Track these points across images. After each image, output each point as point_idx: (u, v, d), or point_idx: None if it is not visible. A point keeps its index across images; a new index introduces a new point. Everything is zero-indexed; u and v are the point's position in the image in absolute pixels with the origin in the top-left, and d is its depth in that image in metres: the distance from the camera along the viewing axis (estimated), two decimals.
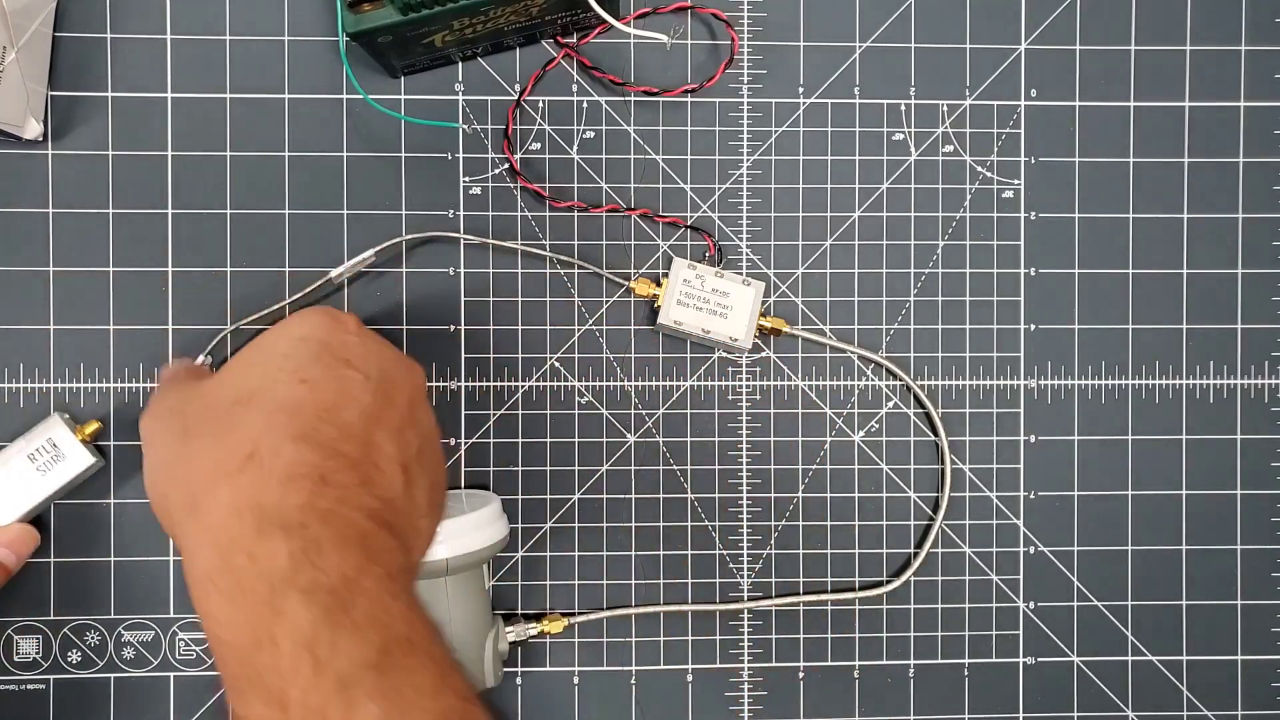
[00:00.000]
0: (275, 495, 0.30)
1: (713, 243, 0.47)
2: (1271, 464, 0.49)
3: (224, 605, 0.29)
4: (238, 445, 0.31)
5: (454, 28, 0.42)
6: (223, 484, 0.30)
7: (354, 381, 0.34)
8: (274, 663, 0.27)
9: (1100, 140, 0.48)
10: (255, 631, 0.28)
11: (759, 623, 0.48)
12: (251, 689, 0.28)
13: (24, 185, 0.46)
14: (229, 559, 0.29)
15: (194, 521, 0.31)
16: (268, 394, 0.33)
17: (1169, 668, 0.48)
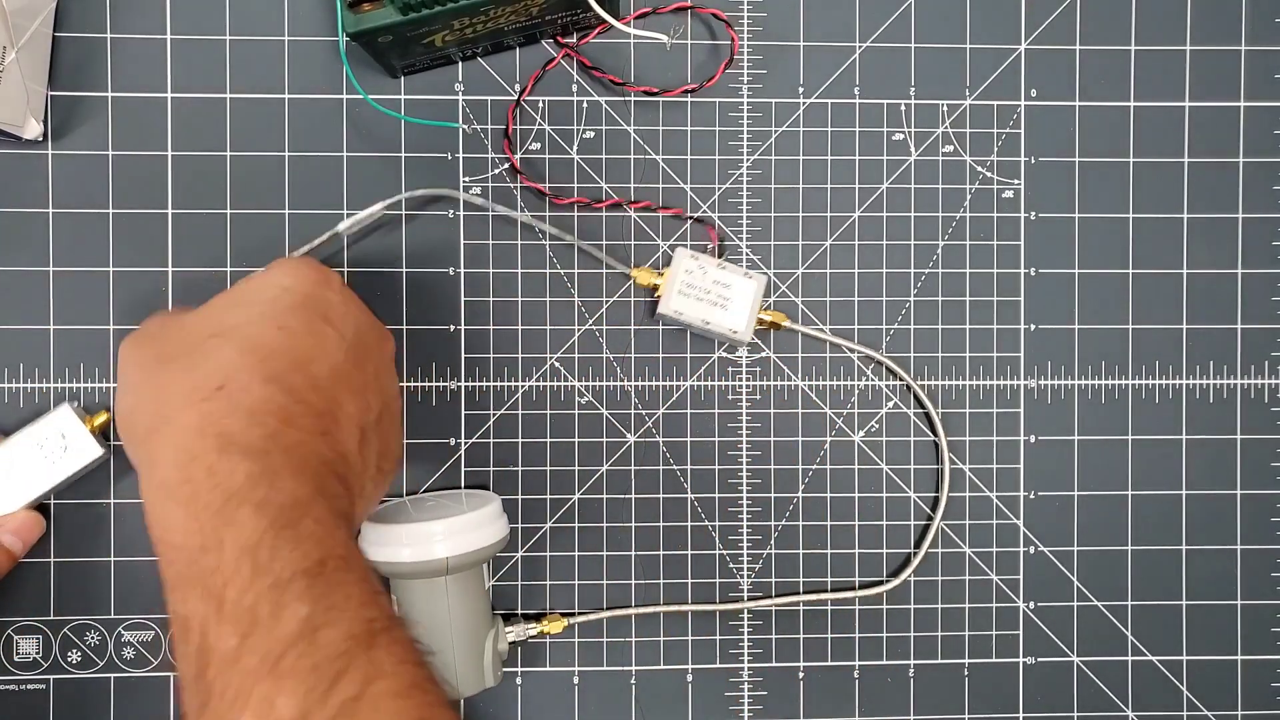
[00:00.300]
0: (240, 425, 0.32)
1: (715, 234, 0.47)
2: (1271, 464, 0.49)
3: (177, 511, 0.30)
4: (209, 375, 0.33)
5: (454, 28, 0.42)
6: (191, 408, 0.32)
7: (329, 338, 0.36)
8: (217, 564, 0.29)
9: (1100, 140, 0.48)
10: (204, 536, 0.30)
11: (759, 623, 0.48)
12: (191, 587, 0.29)
13: (24, 185, 0.46)
14: (188, 471, 0.31)
15: (157, 437, 0.32)
16: (245, 333, 0.34)
17: (1169, 668, 0.48)
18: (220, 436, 0.31)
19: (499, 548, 0.44)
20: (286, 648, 0.28)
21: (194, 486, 0.31)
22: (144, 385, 0.34)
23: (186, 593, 0.29)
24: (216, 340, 0.34)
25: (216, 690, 0.28)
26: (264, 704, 0.27)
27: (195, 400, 0.32)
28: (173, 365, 0.34)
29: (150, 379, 0.34)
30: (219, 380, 0.33)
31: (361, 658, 0.28)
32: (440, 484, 0.47)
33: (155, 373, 0.34)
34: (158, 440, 0.32)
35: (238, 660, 0.28)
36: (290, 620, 0.28)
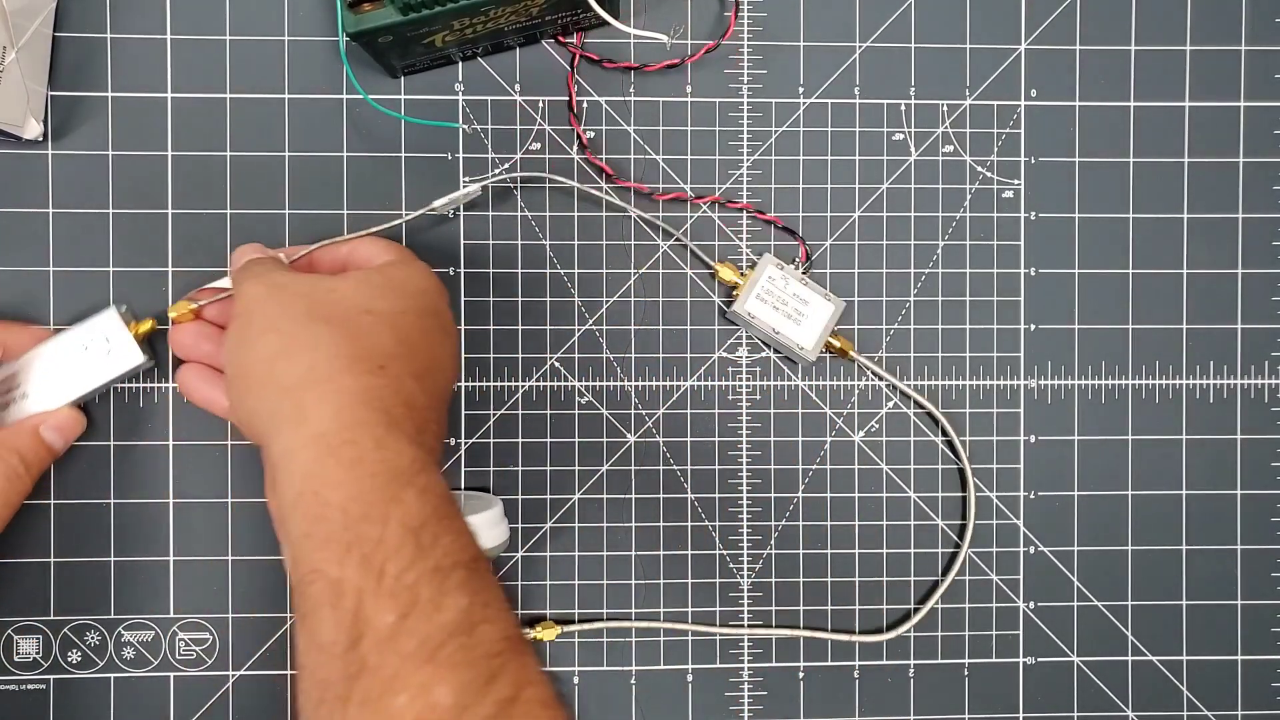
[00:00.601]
0: (401, 411, 0.33)
1: (805, 248, 0.47)
2: (1271, 464, 0.49)
3: (338, 470, 0.31)
4: (370, 352, 0.34)
5: (454, 28, 0.42)
6: (354, 375, 0.33)
7: (451, 353, 0.39)
8: (380, 536, 0.29)
9: (1100, 140, 0.48)
10: (368, 506, 0.30)
11: (759, 623, 0.48)
12: (349, 552, 0.29)
13: (24, 185, 0.46)
14: (353, 434, 0.31)
15: (313, 392, 0.32)
16: (397, 323, 0.35)
17: (1169, 668, 0.48)
18: (385, 413, 0.32)
19: (499, 552, 0.44)
20: (447, 637, 0.28)
21: (359, 451, 0.31)
22: (297, 336, 0.34)
23: (343, 556, 0.29)
24: (371, 319, 0.35)
25: (371, 665, 0.28)
26: (423, 690, 0.27)
27: (359, 370, 0.33)
28: (328, 327, 0.34)
29: (304, 331, 0.34)
30: (380, 360, 0.34)
31: (514, 661, 0.29)
32: None
33: (308, 327, 0.34)
34: (314, 394, 0.32)
35: (394, 640, 0.28)
36: (451, 609, 0.29)
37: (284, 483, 0.32)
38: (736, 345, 0.48)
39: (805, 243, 0.48)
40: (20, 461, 0.41)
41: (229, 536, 0.46)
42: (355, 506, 0.30)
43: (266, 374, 0.34)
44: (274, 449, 0.33)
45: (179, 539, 0.46)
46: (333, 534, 0.30)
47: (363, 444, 0.31)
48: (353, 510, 0.30)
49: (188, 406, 0.46)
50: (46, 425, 0.42)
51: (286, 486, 0.31)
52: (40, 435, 0.42)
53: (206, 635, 0.46)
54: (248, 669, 0.46)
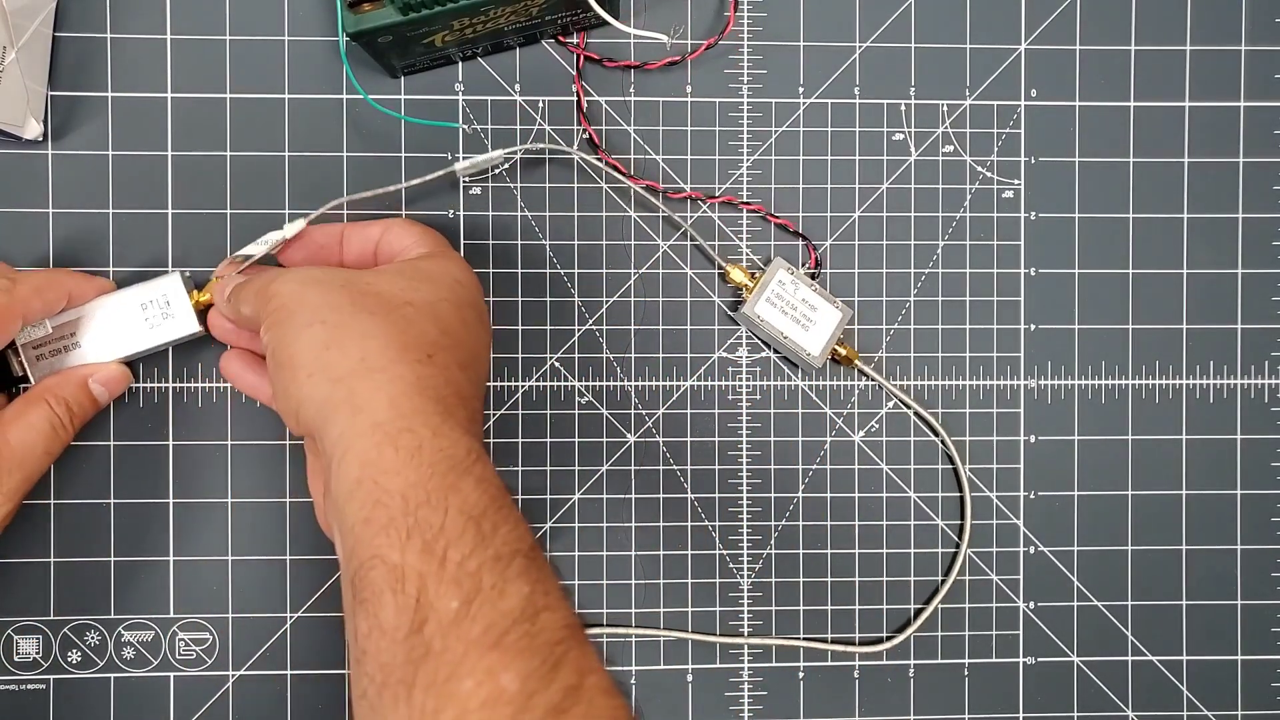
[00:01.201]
0: (453, 400, 0.33)
1: (814, 253, 0.47)
2: (1271, 464, 0.49)
3: (397, 456, 0.31)
4: (418, 341, 0.34)
5: (454, 28, 0.42)
6: (406, 364, 0.33)
7: (487, 344, 0.39)
8: (441, 523, 0.30)
9: (1100, 140, 0.48)
10: (429, 493, 0.30)
11: (759, 623, 0.48)
12: (411, 538, 0.30)
13: (24, 185, 0.46)
14: (411, 421, 0.32)
15: (367, 381, 0.33)
16: (439, 313, 0.36)
17: (1169, 668, 0.48)
18: (439, 402, 0.33)
19: None
20: (511, 624, 0.28)
21: (418, 439, 0.31)
22: (345, 326, 0.34)
23: (404, 542, 0.30)
24: (414, 310, 0.35)
25: (436, 649, 0.28)
26: (489, 676, 0.28)
27: (410, 359, 0.33)
28: (374, 317, 0.34)
29: (351, 321, 0.34)
30: (428, 349, 0.34)
31: (576, 649, 0.29)
32: None
33: (355, 317, 0.34)
34: (369, 384, 0.32)
35: (459, 625, 0.28)
36: (514, 596, 0.29)
37: (341, 470, 0.32)
38: (737, 345, 0.48)
39: (815, 248, 0.48)
40: (66, 411, 0.41)
41: (229, 536, 0.46)
42: (415, 493, 0.30)
43: (316, 364, 0.33)
44: (327, 438, 0.32)
45: (179, 539, 0.46)
46: (393, 520, 0.30)
47: (420, 432, 0.31)
48: (413, 497, 0.30)
49: (188, 407, 0.46)
50: (95, 378, 0.42)
51: (344, 474, 0.31)
52: (88, 387, 0.42)
53: (206, 635, 0.46)
54: (248, 669, 0.46)
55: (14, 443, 0.39)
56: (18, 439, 0.40)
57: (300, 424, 0.34)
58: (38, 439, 0.40)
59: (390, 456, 0.31)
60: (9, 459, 0.39)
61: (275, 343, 0.35)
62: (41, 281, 0.41)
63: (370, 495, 0.31)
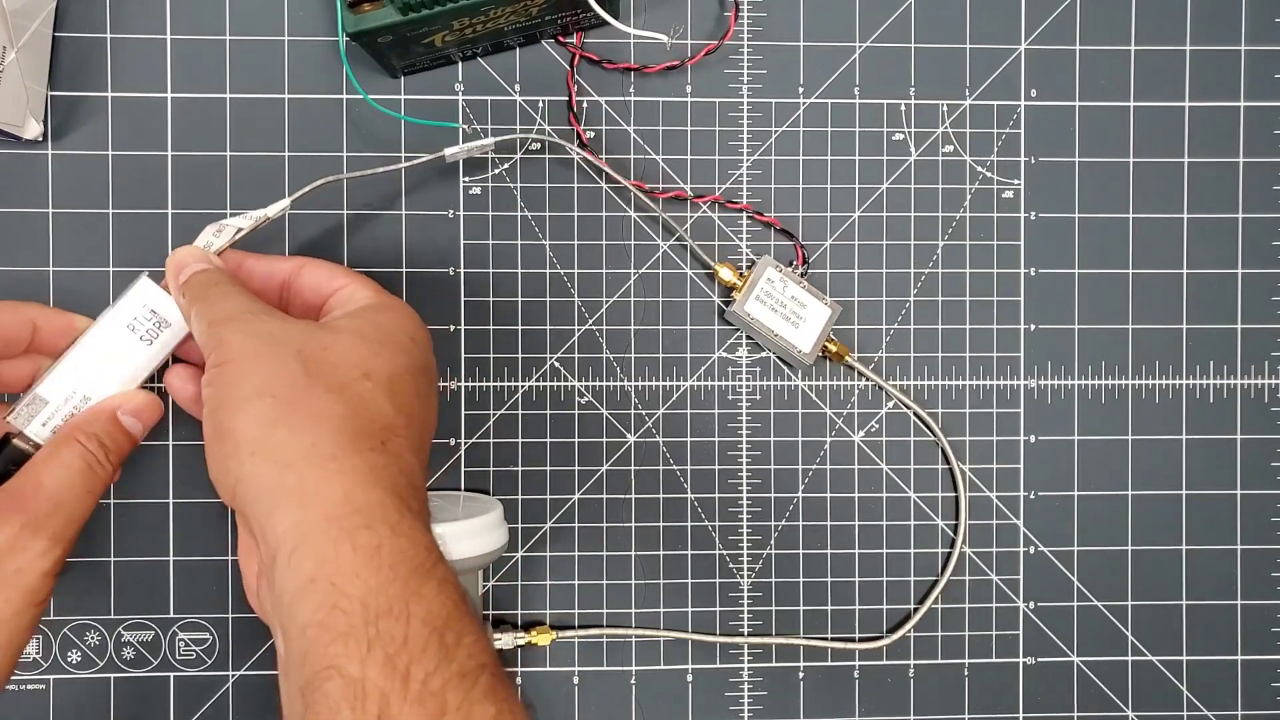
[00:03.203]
0: (408, 492, 0.31)
1: (802, 252, 0.47)
2: (1271, 464, 0.49)
3: (355, 558, 0.29)
4: (371, 426, 0.32)
5: (454, 28, 0.42)
6: (359, 453, 0.31)
7: (436, 410, 0.36)
8: (404, 636, 0.28)
9: (1100, 140, 0.48)
10: (390, 600, 0.28)
11: (759, 623, 0.48)
12: (372, 651, 0.28)
13: (24, 185, 0.46)
14: (369, 519, 0.30)
15: (319, 470, 0.30)
16: (395, 388, 0.34)
17: (1169, 668, 0.48)
18: (395, 494, 0.31)
19: (496, 555, 0.44)
20: None
21: (376, 537, 0.29)
22: (296, 404, 0.32)
23: (365, 655, 0.28)
24: (371, 386, 0.33)
25: None
26: None
27: (363, 447, 0.31)
28: (327, 395, 0.32)
29: (303, 399, 0.32)
30: (382, 435, 0.32)
31: None
32: (440, 484, 0.47)
33: (309, 393, 0.32)
34: (320, 472, 0.30)
35: None
36: (480, 718, 0.28)
37: (291, 566, 0.29)
38: (736, 345, 0.48)
39: (802, 246, 0.48)
40: (99, 447, 0.37)
41: (228, 536, 0.46)
42: (376, 600, 0.28)
43: (261, 442, 0.31)
44: (273, 528, 0.30)
45: (179, 539, 0.46)
46: (353, 629, 0.28)
47: (379, 530, 0.29)
48: (374, 604, 0.28)
49: None
50: (124, 410, 0.39)
51: (295, 570, 0.29)
52: (118, 420, 0.38)
53: (206, 635, 0.46)
54: (248, 669, 0.46)
55: (48, 483, 0.36)
56: (52, 479, 0.36)
57: (236, 502, 0.32)
58: (74, 477, 0.37)
59: (348, 556, 0.29)
60: (46, 500, 0.36)
61: (216, 403, 0.32)
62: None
63: (326, 598, 0.28)
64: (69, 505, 0.36)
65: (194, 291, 0.37)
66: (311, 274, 0.39)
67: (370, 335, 0.35)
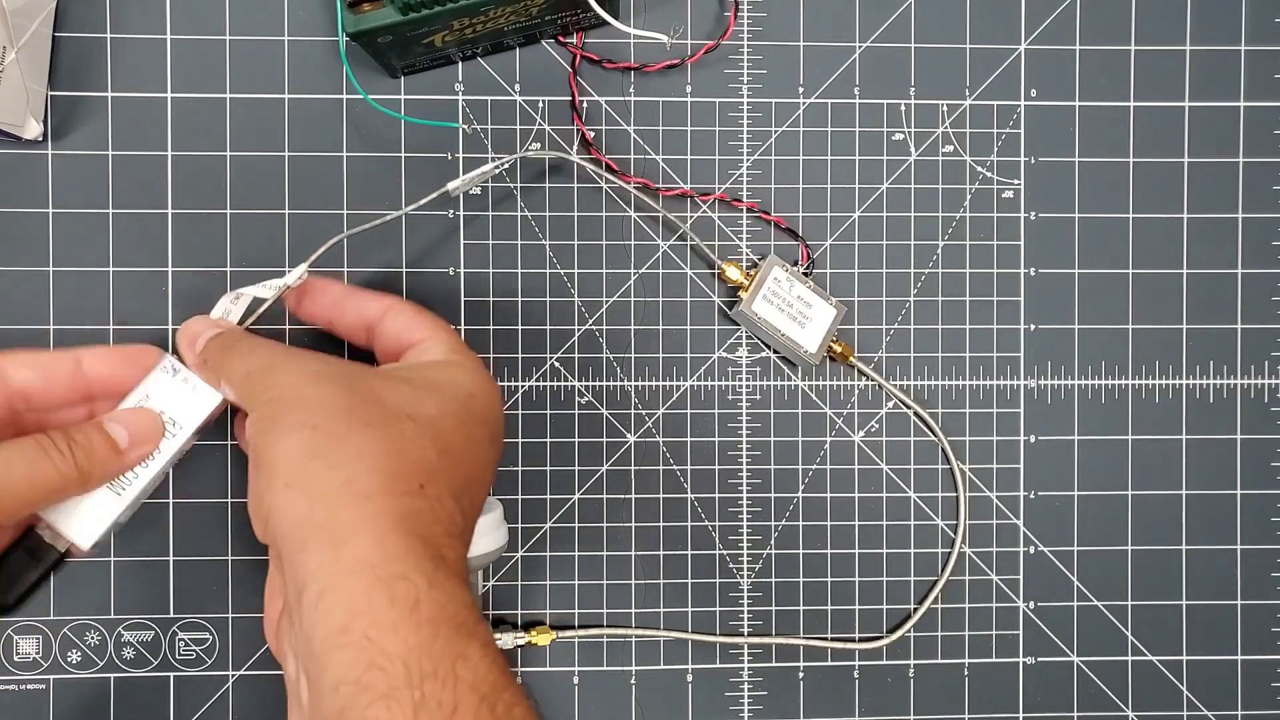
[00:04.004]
0: (444, 541, 0.30)
1: (807, 251, 0.47)
2: (1271, 464, 0.49)
3: (391, 612, 0.27)
4: (412, 469, 0.31)
5: (454, 28, 0.42)
6: (394, 498, 0.29)
7: (492, 462, 0.35)
8: (452, 703, 0.26)
9: (1100, 140, 0.48)
10: (436, 661, 0.27)
11: (759, 623, 0.48)
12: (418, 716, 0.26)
13: (24, 185, 0.46)
14: (405, 568, 0.28)
15: (354, 510, 0.29)
16: (440, 430, 0.32)
17: (1169, 668, 0.48)
18: (431, 545, 0.29)
19: (496, 556, 0.44)
20: None
21: (415, 591, 0.28)
22: (337, 437, 0.30)
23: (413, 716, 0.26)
24: (414, 427, 0.32)
25: None
26: None
27: (399, 490, 0.30)
28: (369, 431, 0.31)
29: (345, 432, 0.30)
30: (420, 478, 0.30)
31: None
32: None
33: (350, 427, 0.31)
34: (353, 513, 0.29)
35: None
36: None
37: (321, 612, 0.28)
38: (736, 345, 0.48)
39: (807, 245, 0.48)
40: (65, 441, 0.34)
41: (229, 536, 0.46)
42: (419, 661, 0.26)
43: (297, 474, 0.30)
44: (301, 565, 0.28)
45: (179, 539, 0.46)
46: (395, 690, 0.26)
47: (417, 582, 0.28)
48: (416, 666, 0.26)
49: None
50: (110, 418, 0.36)
51: (325, 618, 0.27)
52: (102, 425, 0.36)
53: (206, 635, 0.46)
54: (248, 669, 0.46)
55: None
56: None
57: (268, 534, 0.31)
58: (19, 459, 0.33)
59: (384, 607, 0.27)
60: None
61: (259, 437, 0.31)
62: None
63: (363, 654, 0.27)
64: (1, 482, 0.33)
65: (215, 353, 0.36)
66: (394, 321, 0.38)
67: (421, 383, 0.34)
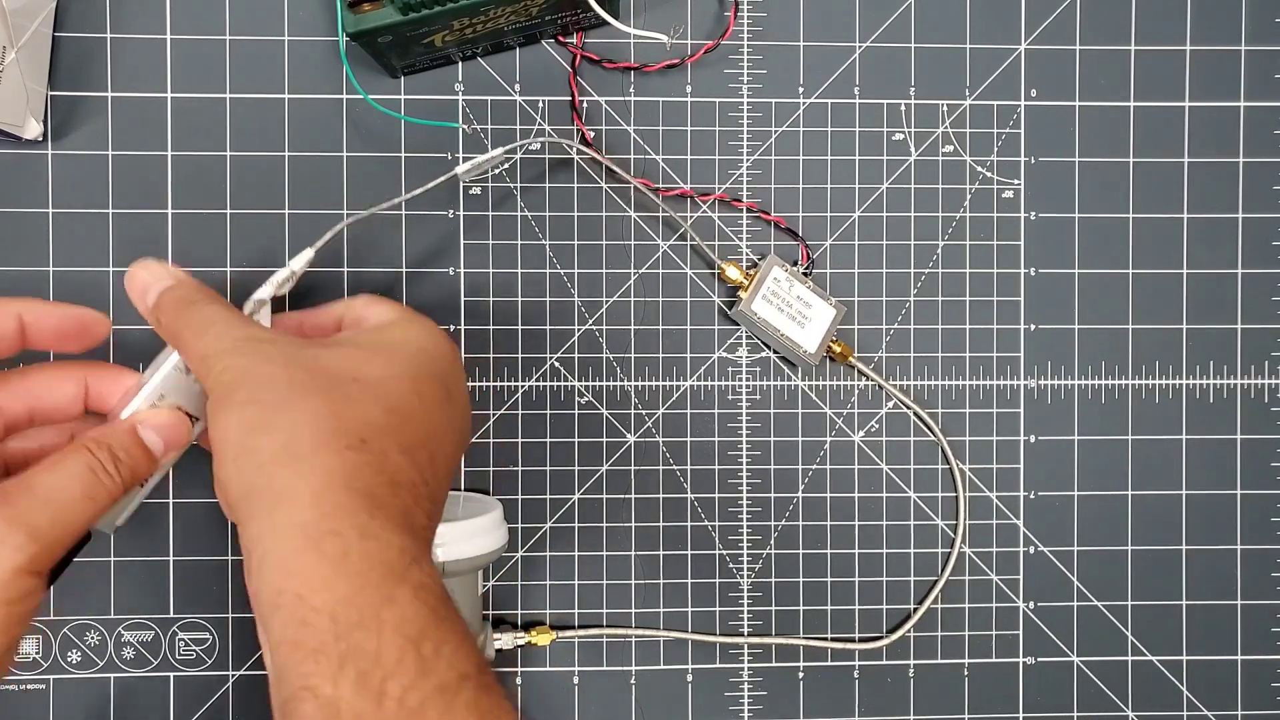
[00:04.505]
0: (384, 491, 0.30)
1: (807, 251, 0.47)
2: (1271, 464, 0.49)
3: (322, 566, 0.27)
4: (352, 424, 0.31)
5: (454, 28, 0.42)
6: (334, 453, 0.30)
7: (452, 418, 0.35)
8: (376, 650, 0.27)
9: (1100, 140, 0.48)
10: (361, 610, 0.27)
11: (759, 623, 0.48)
12: (343, 668, 0.26)
13: (24, 185, 0.46)
14: (335, 522, 0.28)
15: (289, 469, 0.29)
16: (387, 389, 0.32)
17: (1169, 668, 0.48)
18: (368, 496, 0.29)
19: (496, 555, 0.44)
20: None
21: (344, 543, 0.28)
22: (276, 407, 0.30)
23: (337, 673, 0.26)
24: (358, 387, 0.32)
25: None
26: None
27: (338, 446, 0.30)
28: (311, 397, 0.31)
29: (287, 401, 0.31)
30: (361, 433, 0.30)
31: None
32: None
33: (290, 396, 0.31)
34: (289, 472, 0.29)
35: None
36: None
37: (261, 576, 0.28)
38: (736, 345, 0.48)
39: (807, 245, 0.48)
40: (109, 456, 0.34)
41: (228, 536, 0.46)
42: (345, 611, 0.27)
43: (242, 446, 0.30)
44: (246, 533, 0.29)
45: (179, 539, 0.46)
46: (323, 645, 0.26)
47: (347, 535, 0.28)
48: (343, 616, 0.27)
49: None
50: (145, 424, 0.36)
51: (264, 581, 0.28)
52: (136, 433, 0.36)
53: (206, 635, 0.46)
54: (248, 669, 0.46)
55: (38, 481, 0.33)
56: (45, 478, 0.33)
57: (228, 511, 0.31)
58: (71, 480, 0.33)
59: (314, 564, 0.27)
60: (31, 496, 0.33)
61: (209, 418, 0.32)
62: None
63: (295, 613, 0.27)
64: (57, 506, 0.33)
65: (169, 315, 0.35)
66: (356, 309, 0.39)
67: (368, 345, 0.34)
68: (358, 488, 0.29)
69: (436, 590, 0.29)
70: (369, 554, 0.28)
